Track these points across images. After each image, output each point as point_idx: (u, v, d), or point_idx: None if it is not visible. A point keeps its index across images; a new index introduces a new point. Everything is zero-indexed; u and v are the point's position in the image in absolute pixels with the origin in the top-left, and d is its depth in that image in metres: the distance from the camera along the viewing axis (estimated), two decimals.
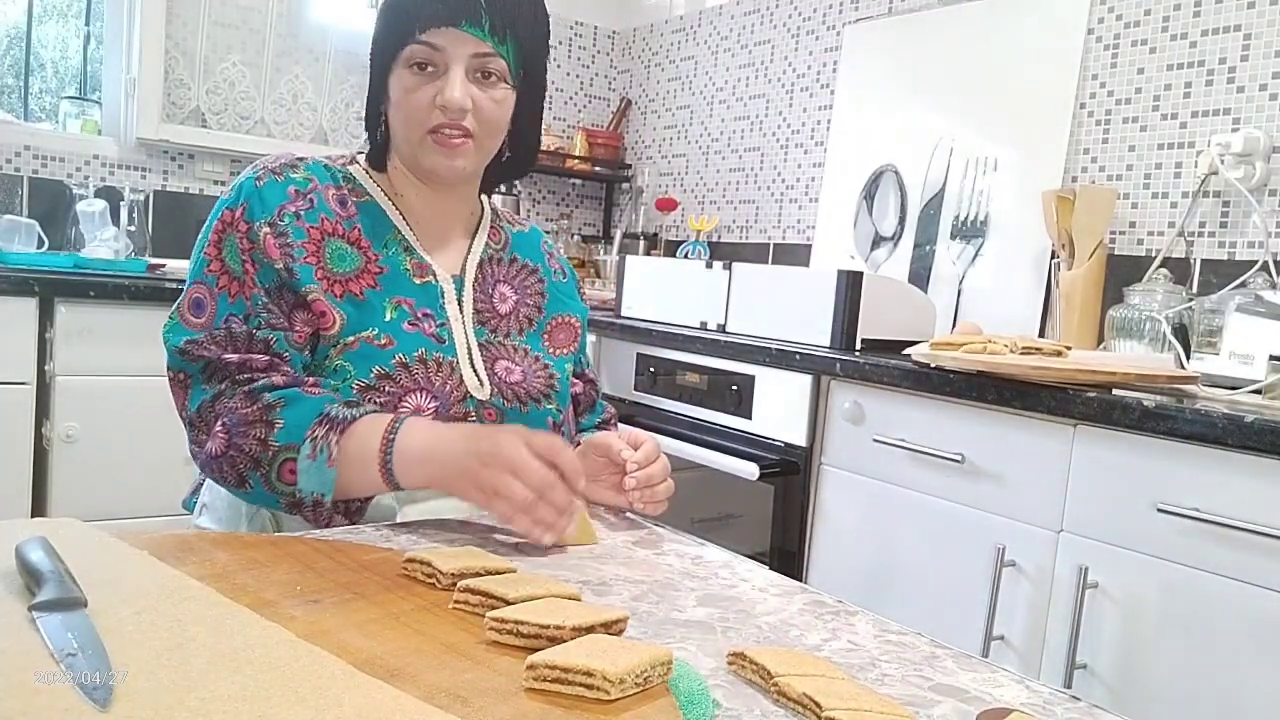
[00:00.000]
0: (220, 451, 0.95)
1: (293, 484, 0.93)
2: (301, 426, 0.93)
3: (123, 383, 2.14)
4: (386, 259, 1.05)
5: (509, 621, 0.64)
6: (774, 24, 2.87)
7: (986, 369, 1.46)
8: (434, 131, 1.01)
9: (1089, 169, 2.07)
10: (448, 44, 0.99)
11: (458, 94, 0.99)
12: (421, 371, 1.02)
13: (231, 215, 1.01)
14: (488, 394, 1.06)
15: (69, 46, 2.82)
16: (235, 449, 0.95)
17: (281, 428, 0.94)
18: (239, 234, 1.00)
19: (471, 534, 0.93)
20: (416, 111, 1.01)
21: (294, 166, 1.04)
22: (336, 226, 1.03)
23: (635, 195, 3.22)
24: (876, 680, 0.67)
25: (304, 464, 0.93)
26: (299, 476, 0.93)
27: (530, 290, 1.17)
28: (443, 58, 0.99)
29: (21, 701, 0.49)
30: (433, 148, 1.02)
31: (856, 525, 1.73)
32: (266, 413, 0.94)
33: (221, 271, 1.00)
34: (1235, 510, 1.22)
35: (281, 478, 0.93)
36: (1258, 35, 1.81)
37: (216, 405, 0.97)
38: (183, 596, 0.65)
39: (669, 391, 2.12)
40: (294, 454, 0.93)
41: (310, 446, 0.92)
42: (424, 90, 1.00)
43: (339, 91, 3.02)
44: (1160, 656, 1.31)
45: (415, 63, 1.00)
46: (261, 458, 0.94)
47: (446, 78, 0.99)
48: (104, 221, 2.44)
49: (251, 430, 0.94)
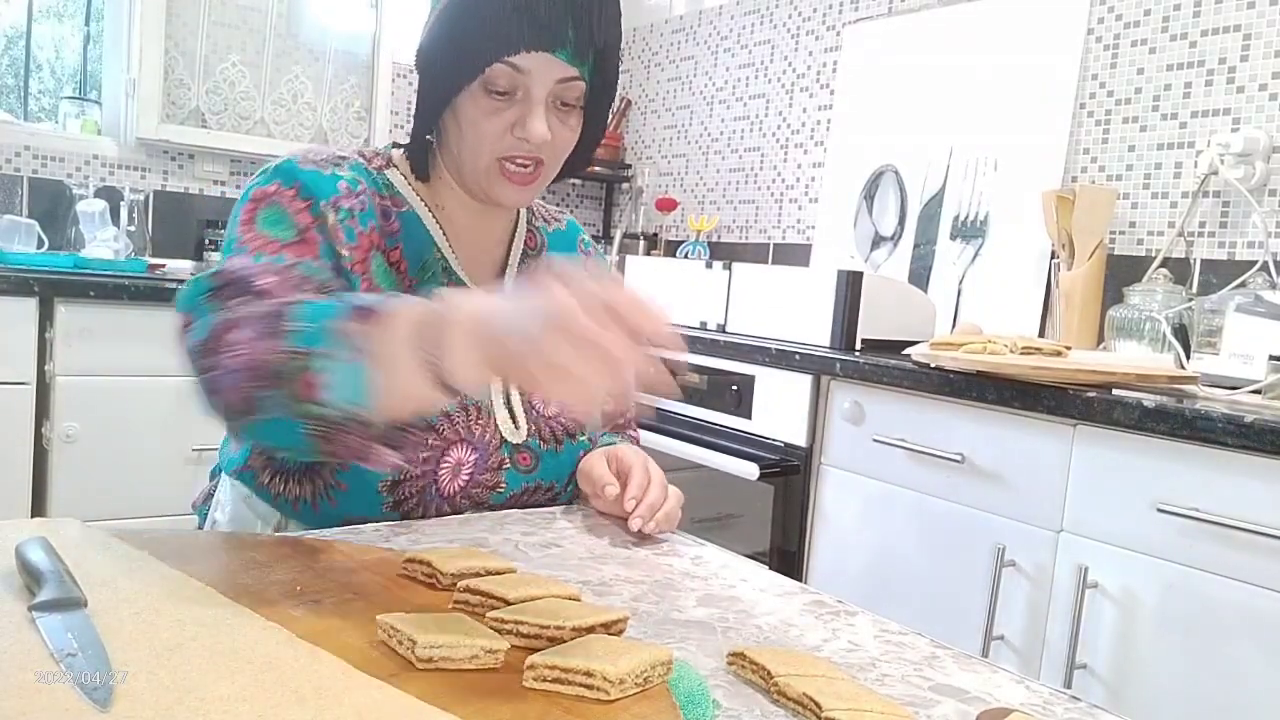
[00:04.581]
0: (240, 366, 0.73)
1: (318, 400, 0.70)
2: (315, 324, 0.72)
3: (123, 383, 2.14)
4: (423, 283, 0.98)
5: (509, 621, 0.64)
6: (774, 24, 2.87)
7: (986, 369, 1.46)
8: (505, 160, 0.94)
9: (1089, 169, 2.07)
10: (534, 68, 0.90)
11: (542, 128, 0.91)
12: (463, 420, 0.97)
13: (265, 191, 0.91)
14: (523, 435, 1.02)
15: (68, 46, 2.82)
16: (256, 362, 0.73)
17: (295, 330, 0.72)
18: (290, 206, 0.90)
19: (471, 534, 0.93)
20: (489, 138, 0.93)
21: (338, 164, 0.96)
22: (382, 241, 0.95)
23: (635, 195, 3.22)
24: (876, 680, 0.67)
25: (325, 373, 0.70)
26: (322, 390, 0.70)
27: None
28: (525, 83, 0.90)
29: (21, 701, 0.49)
30: (501, 178, 0.95)
31: (856, 525, 1.73)
32: (279, 316, 0.74)
33: (256, 238, 0.88)
34: (1235, 510, 1.22)
35: (301, 395, 0.71)
36: (1258, 35, 1.81)
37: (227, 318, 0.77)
38: (183, 596, 0.65)
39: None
40: (308, 360, 0.70)
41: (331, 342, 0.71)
42: (501, 117, 0.92)
43: (339, 91, 3.02)
44: (1160, 656, 1.31)
45: (495, 90, 0.90)
46: (282, 369, 0.71)
47: (527, 107, 0.91)
48: (104, 221, 2.44)
49: (266, 339, 0.73)
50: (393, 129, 3.10)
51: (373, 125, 3.06)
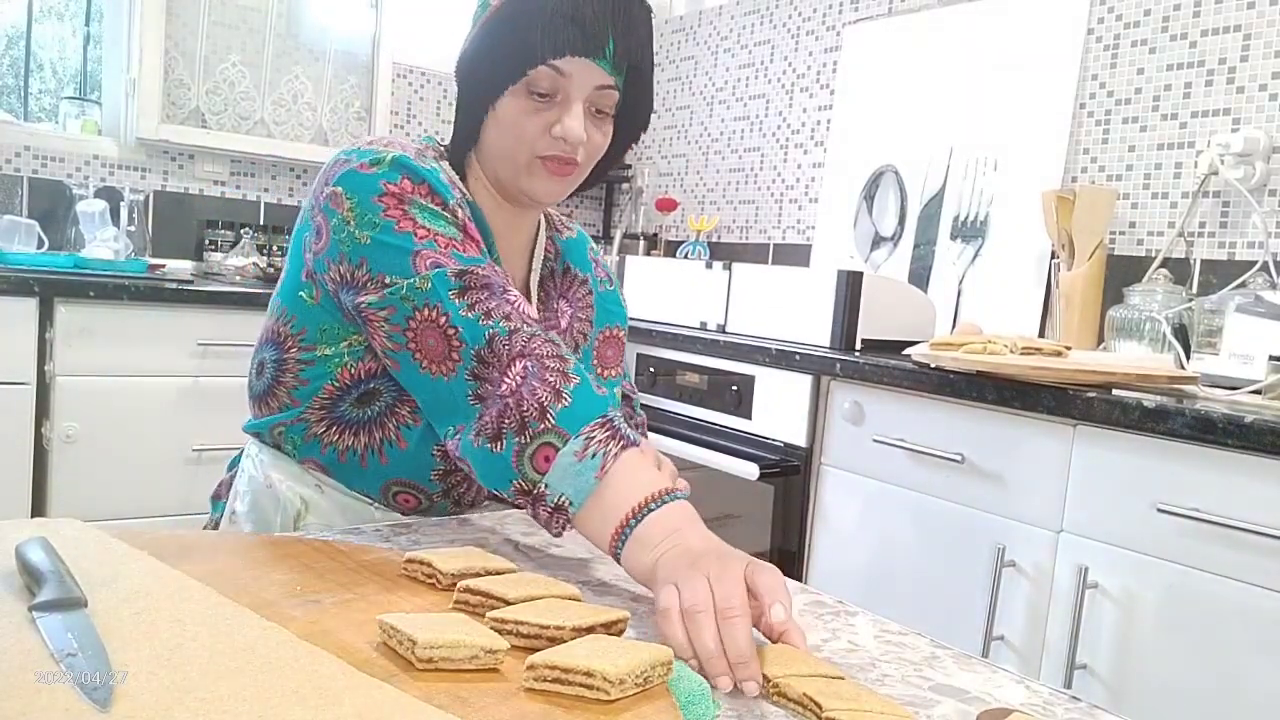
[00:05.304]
0: (510, 391, 0.83)
1: (543, 473, 0.80)
2: (583, 418, 0.81)
3: (123, 383, 2.14)
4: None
5: (509, 621, 0.64)
6: (774, 24, 2.87)
7: (986, 369, 1.46)
8: (544, 158, 0.97)
9: (1089, 169, 2.07)
10: (576, 72, 0.94)
11: (579, 128, 0.96)
12: None
13: (407, 186, 0.92)
14: None
15: (68, 46, 2.82)
16: (516, 397, 0.82)
17: (567, 407, 0.82)
18: (428, 200, 0.92)
19: (471, 534, 0.93)
20: (529, 137, 0.96)
21: (422, 154, 0.97)
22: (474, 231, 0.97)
23: (635, 195, 3.22)
24: (876, 680, 0.67)
25: (567, 460, 0.80)
26: (554, 470, 0.80)
27: (581, 304, 1.14)
28: (566, 86, 0.95)
29: (21, 701, 0.49)
30: (541, 171, 0.98)
31: (856, 525, 1.73)
32: (563, 379, 0.83)
33: (434, 234, 0.90)
34: (1235, 510, 1.22)
35: (535, 461, 0.81)
36: (1258, 35, 1.81)
37: (514, 340, 0.85)
38: (183, 597, 0.65)
39: (669, 391, 2.12)
40: (560, 442, 0.80)
41: (583, 443, 0.80)
42: (540, 116, 0.96)
43: (339, 91, 3.02)
44: (1160, 656, 1.31)
45: (537, 91, 0.94)
46: (532, 425, 0.81)
47: (566, 108, 0.95)
48: (104, 221, 2.44)
49: (543, 389, 0.82)
50: (392, 129, 3.10)
51: (373, 125, 3.06)
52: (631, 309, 2.33)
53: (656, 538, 0.76)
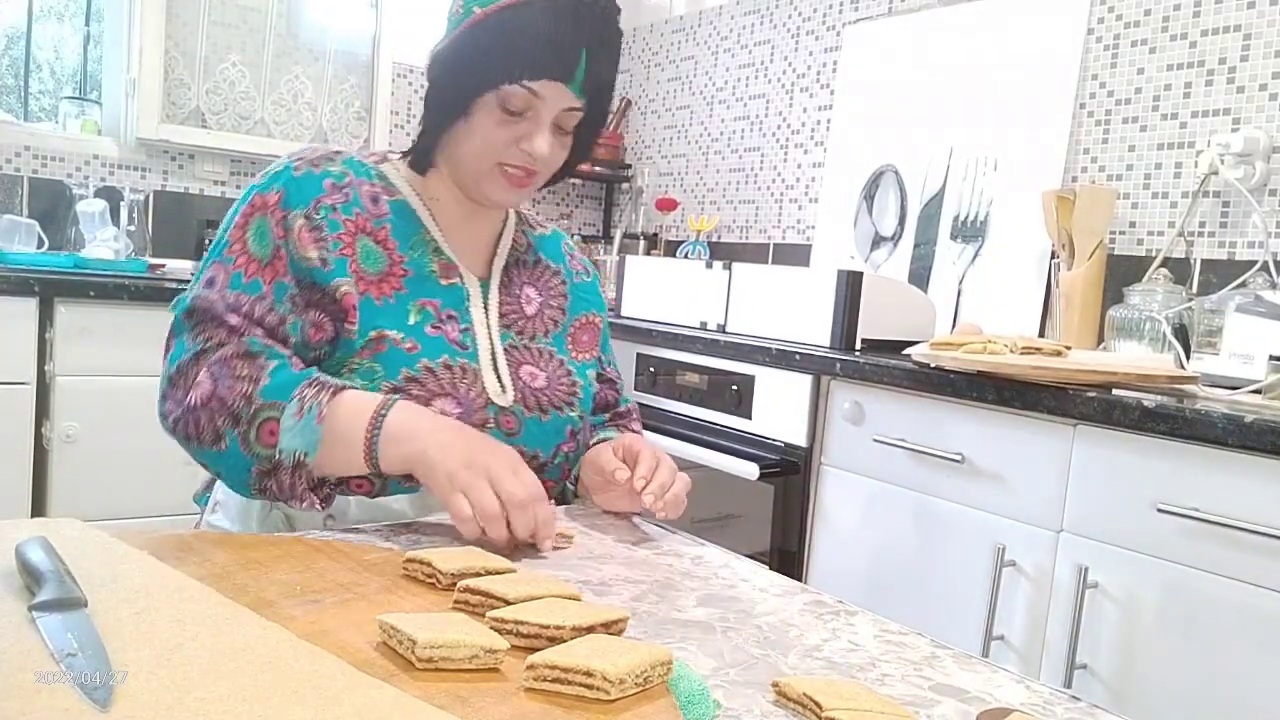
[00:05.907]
0: (201, 401, 0.93)
1: (273, 445, 0.91)
2: (289, 385, 0.92)
3: (123, 383, 2.14)
4: (412, 260, 1.05)
5: (509, 621, 0.64)
6: (774, 24, 2.87)
7: (986, 369, 1.46)
8: (504, 165, 1.03)
9: (1089, 169, 2.07)
10: (549, 95, 1.00)
11: (547, 148, 1.02)
12: (447, 376, 1.01)
13: (263, 199, 1.00)
14: (510, 400, 1.05)
15: (68, 46, 2.82)
16: (217, 400, 0.92)
17: (268, 384, 0.92)
18: (272, 219, 0.99)
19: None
20: (495, 146, 1.02)
21: (331, 159, 1.04)
22: (367, 224, 1.03)
23: (635, 195, 3.22)
24: (876, 680, 0.67)
25: (288, 421, 0.90)
26: (281, 436, 0.90)
27: (554, 292, 1.18)
28: (538, 106, 1.00)
29: (21, 701, 0.49)
30: (501, 179, 1.04)
31: (856, 525, 1.73)
32: (254, 366, 0.93)
33: (242, 253, 0.99)
34: (1235, 510, 1.22)
35: (260, 438, 0.91)
36: (1258, 35, 1.81)
37: (200, 360, 0.95)
38: (183, 596, 0.65)
39: (669, 391, 2.12)
40: (278, 412, 0.91)
41: (298, 404, 0.91)
42: (510, 129, 1.01)
43: (339, 91, 3.02)
44: (1160, 656, 1.31)
45: (510, 108, 1.00)
46: (242, 412, 0.91)
47: (535, 125, 1.01)
48: (104, 221, 2.44)
49: (238, 384, 0.92)
50: (393, 129, 3.10)
51: (373, 125, 3.06)
52: (631, 309, 2.35)
53: (406, 432, 0.90)
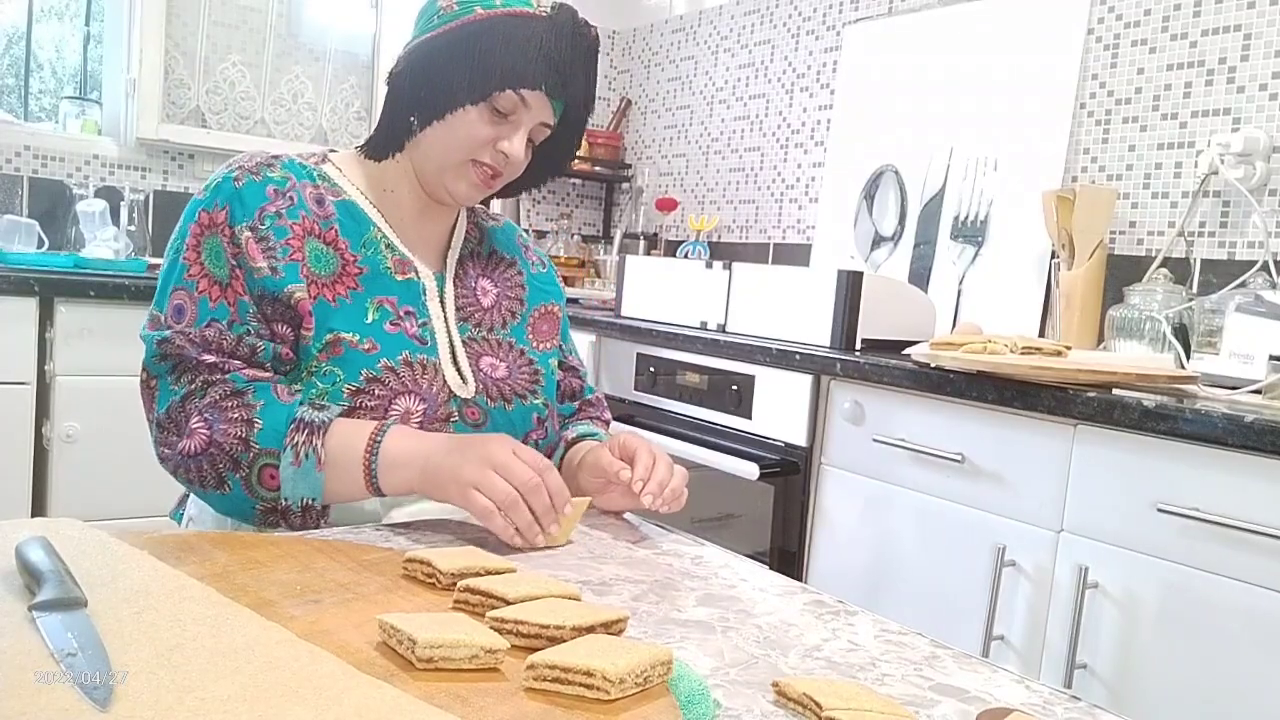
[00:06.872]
0: (199, 449, 0.94)
1: (275, 489, 0.93)
2: (280, 431, 0.93)
3: (123, 383, 2.13)
4: (366, 259, 1.05)
5: (509, 621, 0.64)
6: (774, 24, 2.87)
7: (986, 369, 1.46)
8: (475, 162, 1.04)
9: (1089, 169, 2.07)
10: (535, 106, 1.03)
11: (521, 152, 1.05)
12: (408, 374, 1.02)
13: (210, 217, 1.00)
14: (472, 391, 1.06)
15: (68, 46, 2.82)
16: (215, 446, 0.94)
17: (261, 429, 0.94)
18: (222, 237, 0.99)
19: (471, 534, 0.93)
20: (474, 142, 1.03)
21: (270, 165, 1.04)
22: (314, 225, 1.03)
23: (635, 195, 3.22)
24: (876, 680, 0.67)
25: (287, 471, 0.93)
26: (283, 485, 0.93)
27: (511, 283, 1.19)
28: (521, 113, 1.03)
29: (21, 701, 0.49)
30: (469, 176, 1.05)
31: (856, 525, 1.73)
32: (246, 409, 0.94)
33: (202, 275, 0.99)
34: (1235, 510, 1.22)
35: (263, 482, 0.94)
36: (1258, 35, 1.81)
37: (187, 404, 0.96)
38: (183, 596, 0.65)
39: (669, 391, 2.12)
40: (275, 460, 0.93)
41: (292, 454, 0.93)
42: (492, 129, 1.03)
43: (339, 91, 3.02)
44: (1160, 656, 1.31)
45: (499, 107, 1.02)
46: (242, 458, 0.93)
47: (515, 130, 1.04)
48: (104, 221, 2.44)
49: (232, 427, 0.94)
50: None
51: (373, 125, 3.06)
52: (631, 309, 2.35)
53: (403, 458, 0.93)
